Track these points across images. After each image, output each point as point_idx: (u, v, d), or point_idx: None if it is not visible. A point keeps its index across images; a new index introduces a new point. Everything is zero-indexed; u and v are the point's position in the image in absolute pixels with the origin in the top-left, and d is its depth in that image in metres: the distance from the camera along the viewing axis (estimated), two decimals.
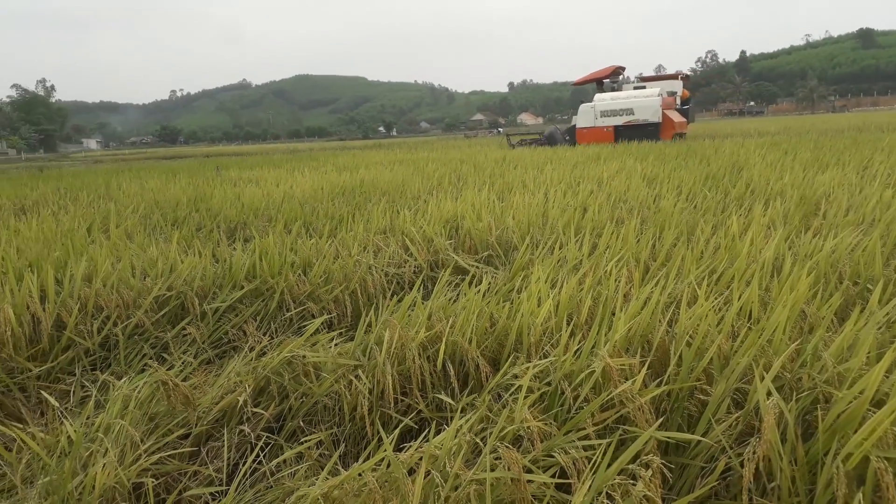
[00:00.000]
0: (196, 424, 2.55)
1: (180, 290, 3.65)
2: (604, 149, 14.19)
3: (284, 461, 2.39)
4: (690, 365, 2.25)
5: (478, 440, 2.02)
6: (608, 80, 23.43)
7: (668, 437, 1.98)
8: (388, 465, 1.93)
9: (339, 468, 2.20)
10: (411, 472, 1.94)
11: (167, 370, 2.70)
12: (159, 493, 2.34)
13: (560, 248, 4.13)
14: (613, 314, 2.84)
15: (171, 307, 3.58)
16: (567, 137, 22.25)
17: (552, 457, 1.95)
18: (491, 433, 1.99)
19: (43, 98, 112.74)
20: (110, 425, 2.44)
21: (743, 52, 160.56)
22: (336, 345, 2.97)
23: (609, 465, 1.80)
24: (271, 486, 2.28)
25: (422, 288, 3.48)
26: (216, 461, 2.48)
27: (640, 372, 2.14)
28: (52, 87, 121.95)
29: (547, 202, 5.96)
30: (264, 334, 3.43)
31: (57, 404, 2.89)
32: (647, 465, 1.81)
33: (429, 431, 2.14)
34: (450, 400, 2.43)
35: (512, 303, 2.98)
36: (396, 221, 5.37)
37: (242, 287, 3.75)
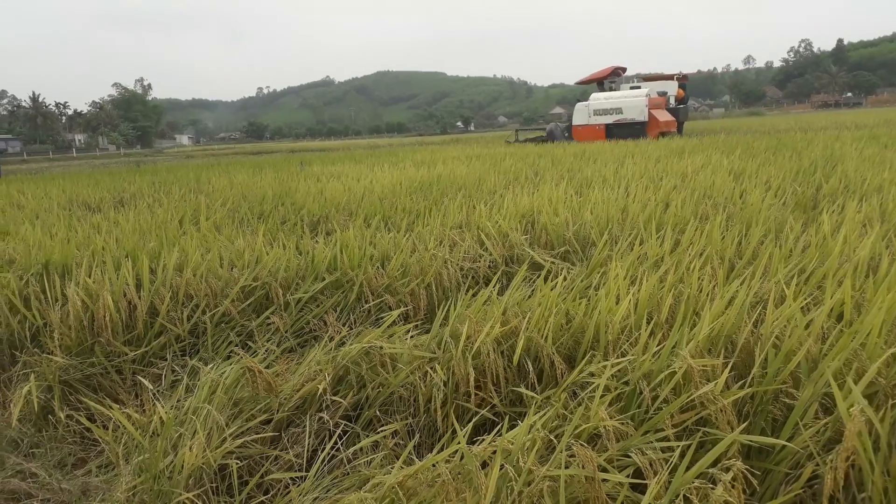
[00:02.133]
0: (278, 410, 2.65)
1: (265, 281, 3.79)
2: (688, 142, 13.74)
3: (361, 449, 2.45)
4: (776, 367, 2.16)
5: (552, 437, 2.01)
6: (607, 80, 24.93)
7: (752, 441, 1.91)
8: (462, 458, 1.94)
9: (414, 458, 2.24)
10: (484, 465, 1.94)
11: (252, 357, 2.81)
12: (242, 476, 2.44)
13: (640, 245, 4.04)
14: (696, 313, 2.75)
15: (257, 297, 3.71)
16: (566, 134, 23.46)
17: (628, 457, 1.92)
18: (565, 430, 1.97)
19: (140, 96, 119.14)
20: (198, 409, 2.57)
21: (840, 41, 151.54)
22: (412, 337, 3.01)
23: (688, 468, 1.75)
24: (348, 473, 2.34)
25: (497, 283, 3.47)
26: (296, 447, 2.57)
27: (722, 373, 2.07)
28: (149, 86, 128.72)
29: (627, 197, 5.84)
30: (343, 325, 3.51)
31: (150, 387, 3.07)
32: (727, 470, 1.75)
33: (502, 426, 2.15)
34: (528, 392, 2.43)
35: (589, 300, 2.94)
36: (472, 216, 5.38)
37: (324, 279, 3.85)
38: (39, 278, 4.07)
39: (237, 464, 2.39)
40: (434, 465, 1.96)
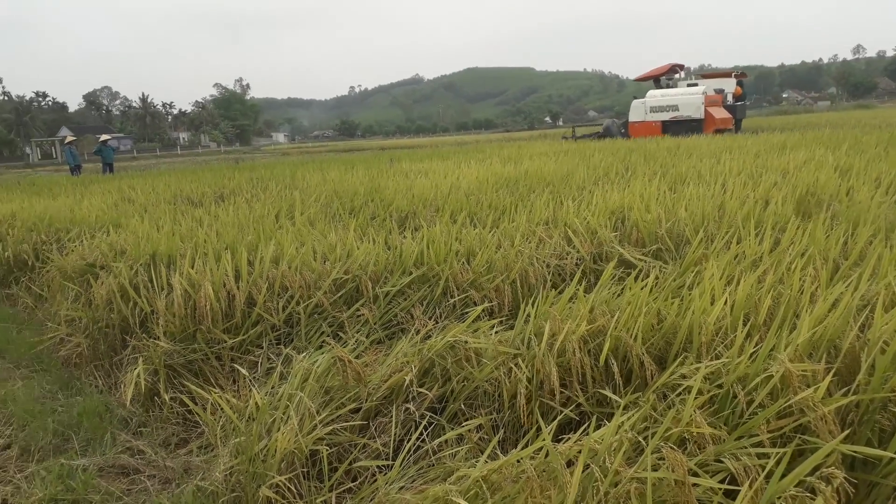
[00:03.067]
0: (366, 400, 2.71)
1: (356, 274, 3.89)
2: (790, 137, 13.04)
3: (446, 441, 2.48)
4: (884, 374, 2.03)
5: (640, 439, 1.97)
6: (665, 77, 25.06)
7: (855, 452, 1.81)
8: (547, 455, 1.93)
9: (498, 453, 2.24)
10: (569, 463, 1.93)
11: (342, 347, 2.89)
12: (332, 462, 2.52)
13: (738, 243, 3.88)
14: (796, 316, 2.62)
15: (347, 289, 3.82)
16: (623, 131, 23.95)
17: (721, 462, 1.86)
18: (654, 433, 1.92)
19: (240, 95, 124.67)
20: (291, 395, 2.67)
21: None
22: (496, 332, 3.01)
23: (784, 476, 1.67)
24: (433, 465, 2.37)
25: (583, 280, 3.42)
26: (383, 436, 2.63)
27: (824, 379, 1.96)
28: (248, 86, 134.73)
29: (724, 194, 5.61)
30: (429, 318, 3.56)
31: (247, 374, 3.21)
32: (828, 480, 1.66)
33: (588, 425, 2.12)
34: (613, 395, 2.38)
35: (682, 300, 2.85)
36: (559, 212, 5.32)
37: (411, 273, 3.92)
38: (147, 268, 4.34)
39: (327, 450, 2.47)
40: (518, 461, 1.96)
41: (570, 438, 2.01)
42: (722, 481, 1.83)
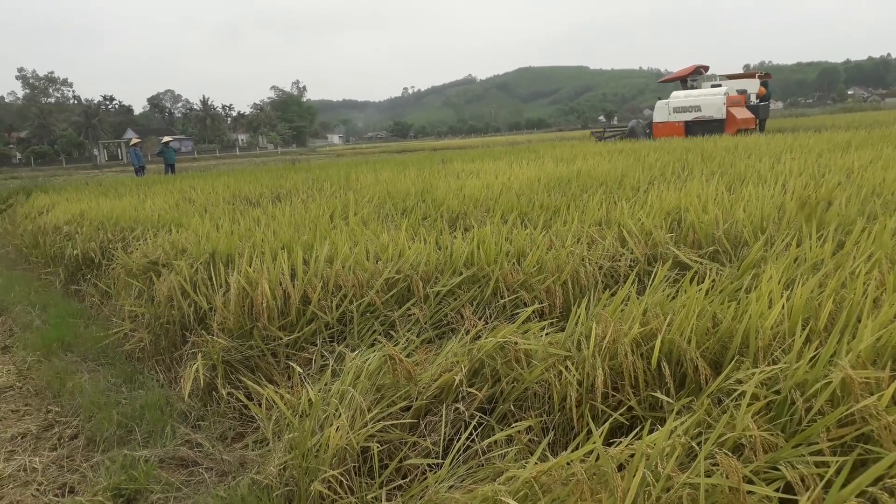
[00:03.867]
0: (416, 398, 2.74)
1: (407, 274, 3.93)
2: (855, 136, 12.55)
3: (495, 442, 2.48)
4: None
5: (693, 444, 1.93)
6: (689, 78, 25.63)
7: None
8: (598, 458, 1.92)
9: (548, 455, 2.23)
10: (620, 467, 1.91)
11: (393, 346, 2.93)
12: (382, 459, 2.55)
13: (798, 246, 3.76)
14: (859, 321, 2.53)
15: (399, 289, 3.86)
16: (647, 131, 24.50)
17: (777, 469, 1.81)
18: (708, 438, 1.89)
19: (296, 98, 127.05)
20: (344, 392, 2.72)
21: None
22: (547, 334, 3.00)
23: (844, 485, 1.62)
24: (482, 465, 2.38)
25: (637, 282, 3.37)
26: (433, 435, 2.65)
27: (889, 387, 1.89)
28: (304, 88, 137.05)
29: (785, 194, 5.44)
30: (479, 319, 3.56)
31: (300, 370, 3.29)
32: (891, 491, 1.60)
33: (640, 429, 2.09)
34: (666, 398, 2.35)
35: (739, 303, 2.78)
36: (613, 213, 5.25)
37: (461, 273, 3.93)
38: (207, 266, 4.48)
39: (378, 447, 2.51)
40: (569, 464, 1.95)
41: (621, 442, 1.99)
42: (778, 490, 1.78)
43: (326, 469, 2.39)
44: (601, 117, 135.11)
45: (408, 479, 2.51)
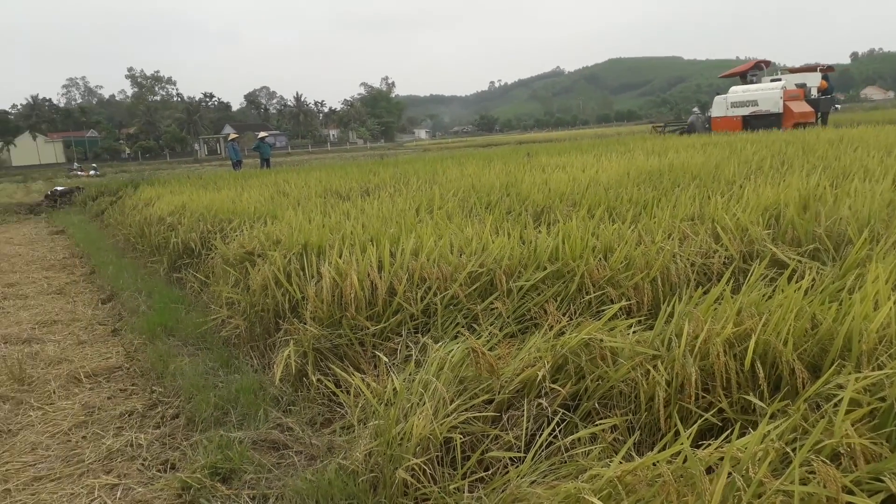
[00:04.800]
0: (499, 392, 2.75)
1: (490, 268, 3.94)
2: None
3: (579, 439, 2.46)
4: None
5: (788, 449, 1.85)
6: (749, 73, 25.59)
7: None
8: (685, 460, 1.87)
9: (633, 454, 2.19)
10: (709, 470, 1.85)
11: (476, 339, 2.94)
12: (465, 450, 2.58)
13: None
14: None
15: (482, 283, 3.87)
16: (706, 126, 24.70)
17: (880, 481, 1.70)
18: (804, 444, 1.80)
19: (385, 93, 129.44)
20: (427, 382, 2.76)
21: None
22: (634, 332, 2.94)
23: None
24: (565, 462, 2.36)
25: (731, 280, 3.24)
26: (515, 429, 2.65)
27: None
28: (393, 84, 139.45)
29: (895, 190, 5.09)
30: (563, 314, 3.53)
31: (386, 360, 3.36)
32: None
33: (731, 432, 2.02)
34: (759, 402, 2.25)
35: (841, 304, 2.63)
36: (706, 208, 5.06)
37: (545, 268, 3.90)
38: (299, 257, 4.64)
39: (461, 438, 2.54)
40: (654, 464, 1.91)
41: (710, 445, 1.93)
42: (881, 502, 1.68)
43: (410, 457, 2.44)
44: (695, 108, 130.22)
45: (489, 472, 2.52)
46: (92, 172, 40.54)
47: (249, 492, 2.79)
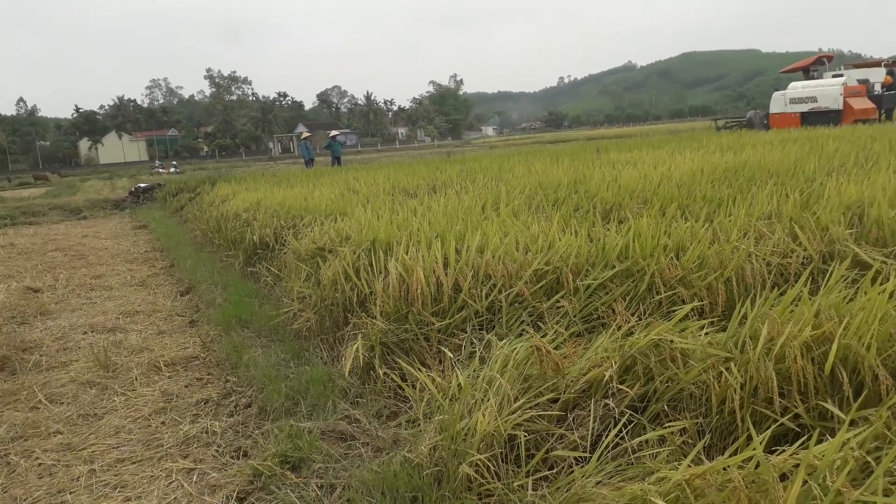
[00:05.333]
0: (564, 391, 2.73)
1: (556, 266, 3.91)
2: None
3: (646, 441, 2.42)
4: None
5: (869, 459, 1.77)
6: (811, 67, 25.50)
7: None
8: (757, 466, 1.81)
9: (703, 458, 2.14)
10: (782, 477, 1.79)
11: (541, 337, 2.93)
12: (529, 448, 2.57)
13: None
14: None
15: (548, 280, 3.85)
16: (765, 122, 24.68)
17: None
18: (887, 454, 1.72)
19: (453, 91, 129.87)
20: (492, 379, 2.77)
21: None
22: (706, 333, 2.86)
23: None
24: (632, 463, 2.33)
25: (809, 282, 3.11)
26: (580, 429, 2.63)
27: None
28: (461, 82, 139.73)
29: None
30: (632, 314, 3.47)
31: (451, 355, 3.38)
32: None
33: (808, 439, 1.94)
34: (836, 410, 2.16)
35: None
36: (784, 206, 4.87)
37: (614, 267, 3.84)
38: (368, 253, 4.72)
39: (525, 436, 2.53)
40: (725, 469, 1.86)
41: (784, 451, 1.86)
42: None
43: (474, 453, 2.45)
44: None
45: (554, 471, 2.51)
46: (172, 170, 42.33)
47: (317, 480, 2.87)
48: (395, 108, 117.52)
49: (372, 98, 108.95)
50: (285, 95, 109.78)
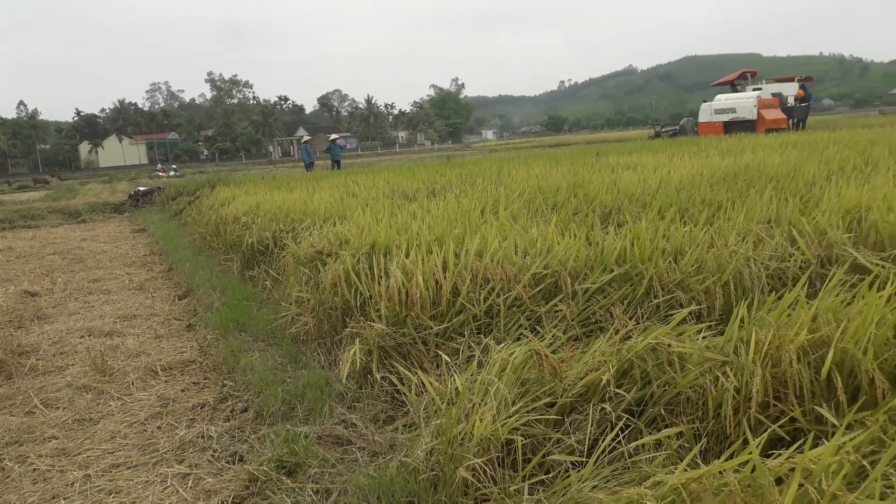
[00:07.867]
0: (561, 395, 2.72)
1: (555, 270, 3.90)
2: None
3: (643, 445, 2.41)
4: None
5: (865, 462, 1.76)
6: (736, 82, 28.63)
7: None
8: (753, 470, 1.81)
9: (699, 462, 2.14)
10: (778, 481, 1.78)
11: (539, 341, 2.92)
12: (525, 453, 2.57)
13: None
14: None
15: (546, 284, 3.84)
16: (695, 130, 27.30)
17: None
18: (883, 457, 1.71)
19: (454, 95, 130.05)
20: (490, 383, 2.76)
21: None
22: (704, 337, 2.86)
23: None
24: (628, 467, 2.32)
25: (807, 286, 3.11)
26: (577, 433, 2.62)
27: None
28: (462, 85, 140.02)
29: None
30: (630, 318, 3.47)
31: (448, 359, 3.38)
32: None
33: (803, 443, 1.94)
34: (829, 416, 2.15)
35: None
36: (783, 210, 4.87)
37: (612, 270, 3.84)
38: (367, 257, 4.72)
39: (522, 440, 2.53)
40: (721, 473, 1.85)
41: (780, 454, 1.86)
42: None
43: (471, 457, 2.44)
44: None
45: (550, 475, 2.51)
46: (172, 173, 42.30)
47: (313, 485, 2.86)
48: (396, 111, 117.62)
49: (372, 102, 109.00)
50: (286, 99, 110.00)
